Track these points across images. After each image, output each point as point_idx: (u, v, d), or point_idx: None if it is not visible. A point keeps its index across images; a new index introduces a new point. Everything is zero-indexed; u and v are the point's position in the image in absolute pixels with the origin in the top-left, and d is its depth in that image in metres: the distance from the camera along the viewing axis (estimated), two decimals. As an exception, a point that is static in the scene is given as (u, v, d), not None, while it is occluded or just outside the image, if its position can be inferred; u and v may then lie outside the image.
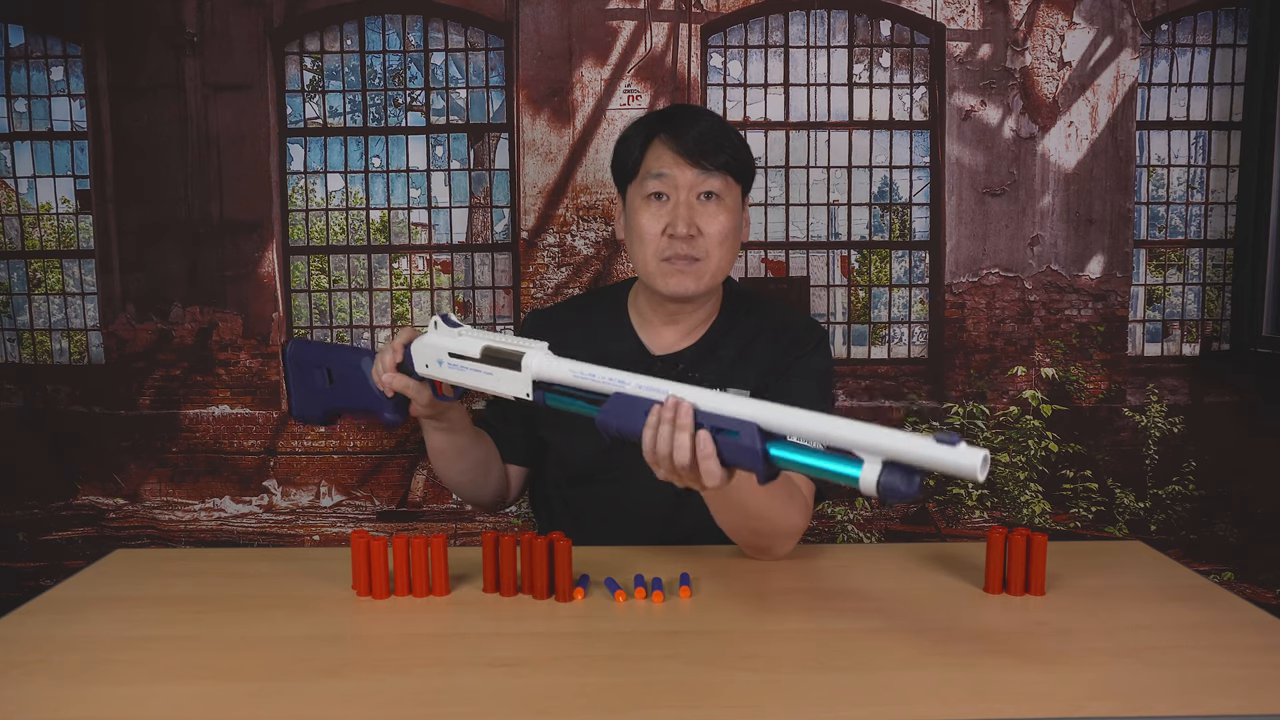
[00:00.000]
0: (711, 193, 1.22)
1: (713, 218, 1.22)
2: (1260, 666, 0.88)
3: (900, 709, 0.81)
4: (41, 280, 1.83)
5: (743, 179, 1.26)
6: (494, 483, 1.38)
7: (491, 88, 1.79)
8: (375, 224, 1.82)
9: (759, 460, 0.85)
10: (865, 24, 1.77)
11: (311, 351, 1.23)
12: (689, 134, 1.22)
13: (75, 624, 1.01)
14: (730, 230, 1.24)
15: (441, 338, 1.08)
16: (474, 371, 1.05)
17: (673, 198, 1.22)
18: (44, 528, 1.87)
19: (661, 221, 1.22)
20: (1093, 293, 1.82)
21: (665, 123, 1.25)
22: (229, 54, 1.76)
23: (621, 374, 0.94)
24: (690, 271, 1.23)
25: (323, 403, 1.21)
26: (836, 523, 1.86)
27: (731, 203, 1.24)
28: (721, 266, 1.25)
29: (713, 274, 1.25)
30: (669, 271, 1.24)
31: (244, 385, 1.83)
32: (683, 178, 1.22)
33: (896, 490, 0.77)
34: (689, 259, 1.22)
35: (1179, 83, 1.79)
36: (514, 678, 0.87)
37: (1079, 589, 1.09)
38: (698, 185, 1.21)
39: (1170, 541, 1.85)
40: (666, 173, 1.22)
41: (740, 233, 1.29)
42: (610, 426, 0.94)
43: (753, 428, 0.85)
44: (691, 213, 1.21)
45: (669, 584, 1.09)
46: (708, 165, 1.20)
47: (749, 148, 1.28)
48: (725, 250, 1.24)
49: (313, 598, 1.08)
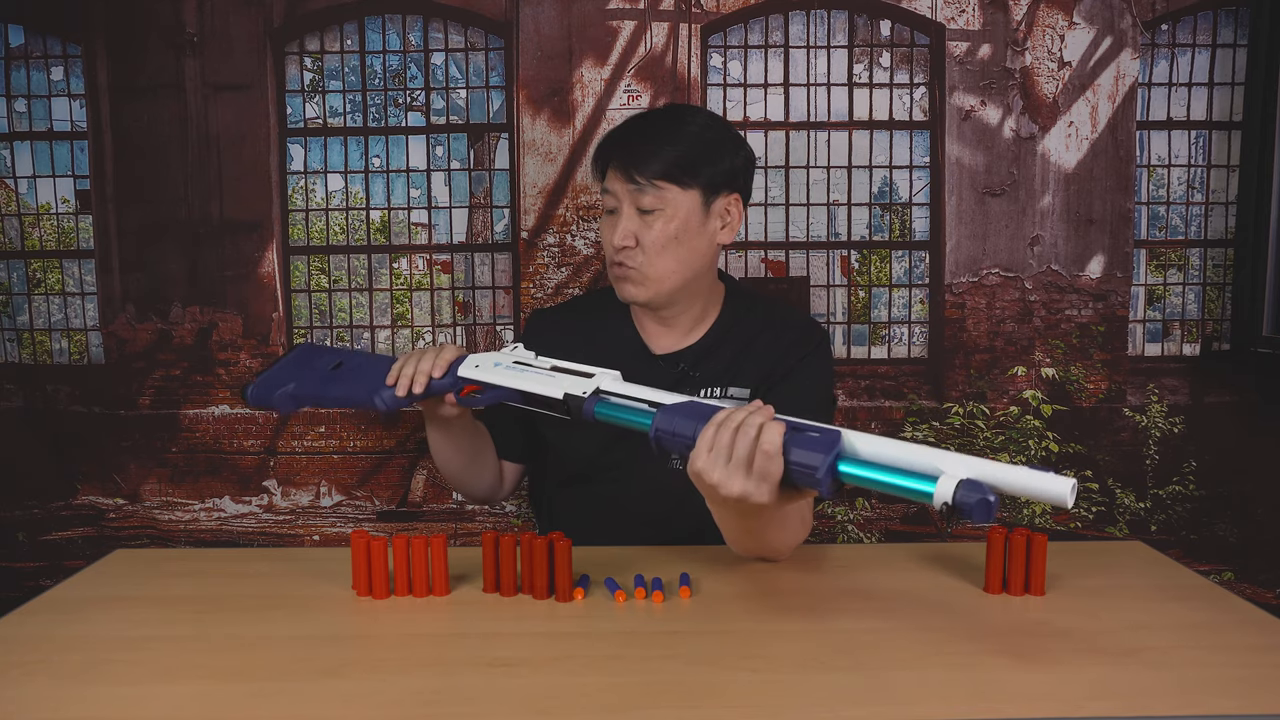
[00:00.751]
0: (645, 209, 1.23)
1: (648, 227, 1.24)
2: (1260, 666, 0.88)
3: (900, 709, 0.81)
4: (41, 280, 1.83)
5: (693, 180, 1.23)
6: (488, 476, 1.41)
7: (491, 88, 1.79)
8: (375, 224, 1.82)
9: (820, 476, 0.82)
10: (865, 24, 1.77)
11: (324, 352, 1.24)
12: (623, 148, 1.25)
13: (75, 624, 1.01)
14: (668, 237, 1.23)
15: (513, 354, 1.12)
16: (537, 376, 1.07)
17: (619, 210, 1.25)
18: (44, 528, 1.87)
19: (612, 232, 1.26)
20: (1093, 293, 1.82)
21: (611, 136, 1.29)
22: (229, 54, 1.76)
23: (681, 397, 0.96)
24: (631, 279, 1.26)
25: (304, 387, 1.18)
26: (836, 523, 1.86)
27: (673, 210, 1.23)
28: (666, 273, 1.25)
29: (658, 280, 1.25)
30: (619, 279, 1.27)
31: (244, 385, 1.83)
32: (622, 191, 1.24)
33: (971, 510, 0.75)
34: (627, 267, 1.25)
35: (1179, 83, 1.79)
36: (514, 678, 0.87)
37: (1079, 589, 1.09)
38: (634, 198, 1.23)
39: (1170, 541, 1.85)
40: (609, 188, 1.26)
41: (702, 234, 1.26)
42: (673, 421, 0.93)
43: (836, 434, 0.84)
44: (630, 224, 1.24)
45: (669, 584, 1.09)
46: (639, 179, 1.22)
47: (712, 142, 1.25)
48: (669, 256, 1.24)
49: (313, 598, 1.08)
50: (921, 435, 1.83)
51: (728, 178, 1.26)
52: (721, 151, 1.26)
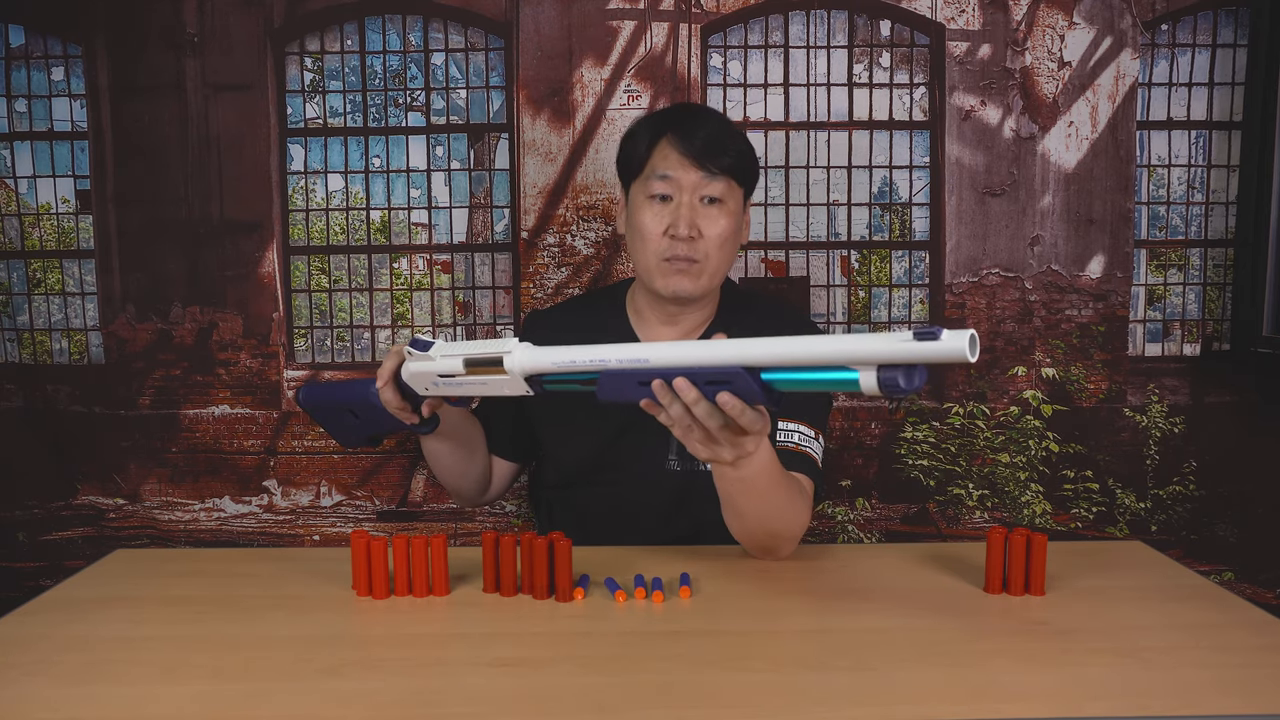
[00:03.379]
0: (714, 197, 1.22)
1: (714, 221, 1.22)
2: (1260, 666, 0.88)
3: (900, 709, 0.81)
4: (41, 280, 1.83)
5: (745, 182, 1.27)
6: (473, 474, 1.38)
7: (491, 88, 1.79)
8: (375, 224, 1.82)
9: (760, 397, 0.86)
10: (865, 24, 1.77)
11: (324, 392, 1.25)
12: (696, 136, 1.22)
13: (75, 624, 1.01)
14: (730, 233, 1.24)
15: (422, 364, 1.08)
16: (470, 383, 1.06)
17: (676, 199, 1.23)
18: (44, 528, 1.87)
19: (664, 221, 1.23)
20: (1093, 293, 1.82)
21: (673, 123, 1.25)
22: (229, 54, 1.76)
23: (600, 350, 0.94)
24: (689, 272, 1.24)
25: (361, 431, 1.25)
26: (836, 523, 1.86)
27: (733, 206, 1.24)
28: (720, 269, 1.26)
29: (710, 276, 1.25)
30: (668, 271, 1.24)
31: (244, 385, 1.83)
32: (687, 180, 1.22)
33: (898, 387, 0.76)
34: (689, 260, 1.23)
35: (1179, 83, 1.79)
36: (514, 678, 0.87)
37: (1079, 589, 1.09)
38: (701, 188, 1.22)
39: (1170, 542, 1.85)
40: (672, 174, 1.22)
41: (740, 235, 1.29)
42: (614, 402, 0.94)
43: (739, 372, 0.86)
44: (693, 214, 1.22)
45: (669, 584, 1.09)
46: (712, 169, 1.21)
47: (753, 151, 1.29)
48: (724, 253, 1.25)
49: (312, 598, 1.08)
50: (921, 435, 1.83)
51: (755, 180, 1.31)
52: (754, 155, 1.29)
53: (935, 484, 1.84)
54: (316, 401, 1.26)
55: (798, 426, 1.23)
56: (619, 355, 0.92)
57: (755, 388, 0.86)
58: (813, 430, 1.24)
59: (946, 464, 1.84)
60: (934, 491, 1.85)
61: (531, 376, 1.00)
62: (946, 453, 1.84)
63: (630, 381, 0.92)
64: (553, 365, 0.97)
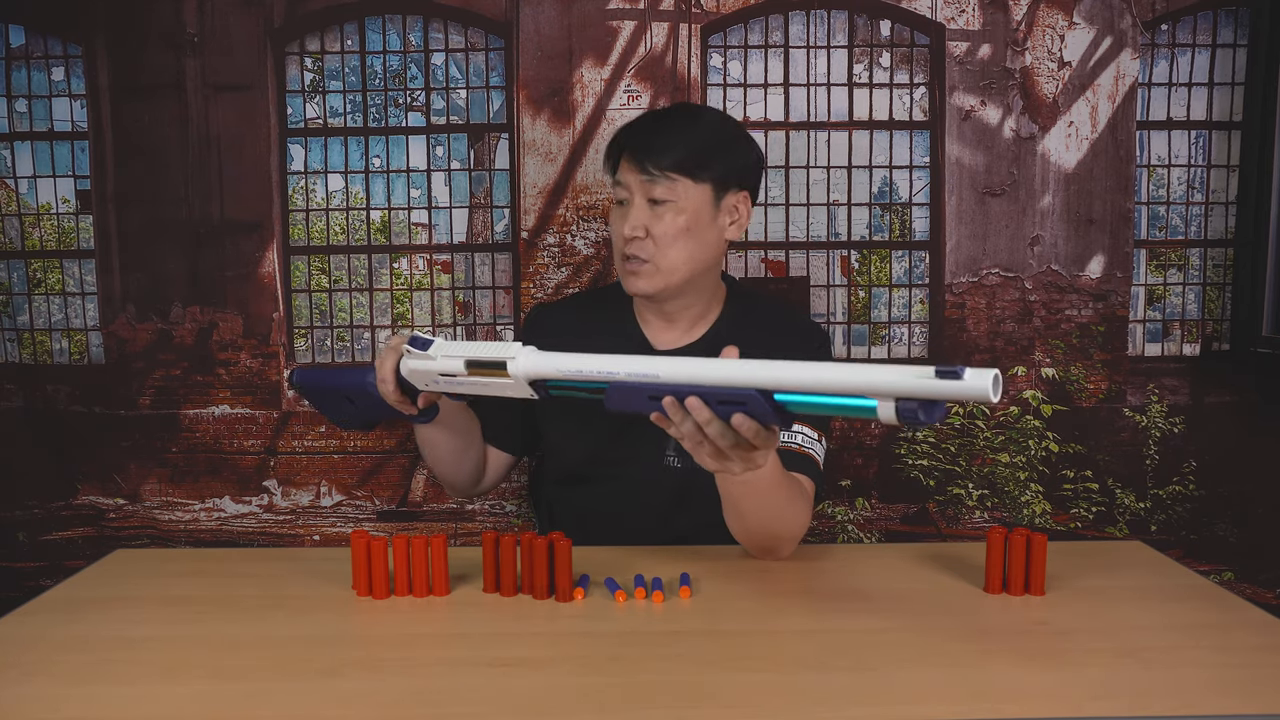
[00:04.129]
0: (656, 199, 1.24)
1: (658, 219, 1.24)
2: (1260, 666, 0.88)
3: (900, 709, 0.81)
4: (41, 280, 1.83)
5: (708, 178, 1.25)
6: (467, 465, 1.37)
7: (491, 88, 1.79)
8: (375, 224, 1.82)
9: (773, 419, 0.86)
10: (865, 24, 1.77)
11: (320, 377, 1.25)
12: (637, 139, 1.26)
13: (75, 624, 1.01)
14: (680, 231, 1.24)
15: (423, 362, 1.08)
16: (472, 383, 1.05)
17: (629, 201, 1.26)
18: (44, 528, 1.87)
19: (622, 223, 1.26)
20: (1093, 293, 1.82)
21: (627, 128, 1.30)
22: (229, 54, 1.76)
23: (610, 361, 0.93)
24: (640, 272, 1.27)
25: (358, 416, 1.24)
26: (836, 523, 1.86)
27: (687, 204, 1.24)
28: (677, 267, 1.26)
29: (666, 274, 1.26)
30: (626, 272, 1.28)
31: (244, 385, 1.83)
32: (635, 182, 1.25)
33: (917, 419, 0.75)
34: (639, 260, 1.26)
35: (1179, 83, 1.79)
36: (514, 678, 0.87)
37: (1079, 589, 1.09)
38: (646, 190, 1.24)
39: (1170, 542, 1.85)
40: (623, 179, 1.27)
41: (711, 231, 1.28)
42: (622, 413, 0.94)
43: (754, 395, 0.85)
44: (640, 215, 1.25)
45: (669, 584, 1.09)
46: (651, 170, 1.24)
47: (729, 142, 1.28)
48: (680, 251, 1.25)
49: (312, 598, 1.08)
50: (921, 435, 1.83)
51: (739, 174, 1.28)
52: (734, 148, 1.29)
53: (935, 484, 1.84)
54: (312, 385, 1.25)
55: (801, 428, 1.23)
56: (629, 368, 0.92)
57: (770, 410, 0.85)
58: (816, 432, 1.24)
59: (946, 464, 1.84)
60: (934, 491, 1.85)
61: (535, 381, 1.00)
62: (946, 453, 1.84)
63: (640, 395, 0.91)
64: (558, 372, 0.97)
